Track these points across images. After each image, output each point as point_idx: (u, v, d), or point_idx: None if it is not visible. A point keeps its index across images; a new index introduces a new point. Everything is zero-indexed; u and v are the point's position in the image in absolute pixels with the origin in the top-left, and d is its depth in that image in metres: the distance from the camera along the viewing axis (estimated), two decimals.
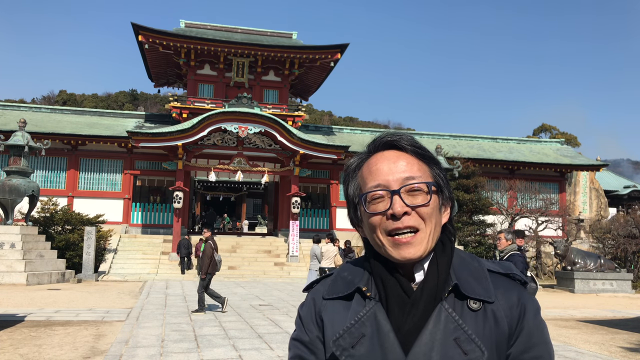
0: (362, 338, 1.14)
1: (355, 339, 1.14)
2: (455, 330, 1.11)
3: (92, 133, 26.02)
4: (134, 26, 26.90)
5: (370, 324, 1.15)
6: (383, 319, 1.15)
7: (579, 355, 8.36)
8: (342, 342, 1.15)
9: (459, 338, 1.10)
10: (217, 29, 30.90)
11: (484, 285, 1.18)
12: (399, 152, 1.23)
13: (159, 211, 27.20)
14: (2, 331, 9.07)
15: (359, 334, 1.14)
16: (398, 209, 1.15)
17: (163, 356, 7.32)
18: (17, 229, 18.38)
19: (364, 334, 1.14)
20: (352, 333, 1.15)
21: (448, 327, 1.11)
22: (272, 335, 9.10)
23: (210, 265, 11.66)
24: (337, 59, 29.35)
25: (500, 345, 1.13)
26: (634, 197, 40.03)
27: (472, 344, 1.09)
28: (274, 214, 31.68)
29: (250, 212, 48.11)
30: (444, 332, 1.11)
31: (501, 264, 1.26)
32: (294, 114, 29.56)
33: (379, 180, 1.19)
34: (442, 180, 1.24)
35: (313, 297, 1.29)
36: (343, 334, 1.16)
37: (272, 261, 24.24)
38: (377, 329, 1.14)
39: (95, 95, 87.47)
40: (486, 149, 32.09)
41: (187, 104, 28.59)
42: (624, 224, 24.83)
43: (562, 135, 68.08)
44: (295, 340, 1.28)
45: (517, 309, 1.17)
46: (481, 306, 1.15)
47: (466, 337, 1.10)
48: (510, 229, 10.28)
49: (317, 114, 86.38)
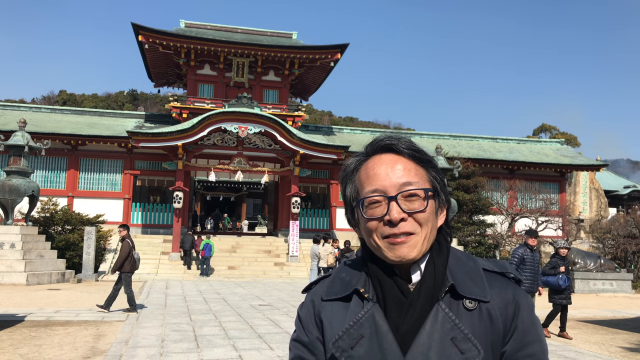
0: (361, 339, 1.15)
1: (354, 340, 1.16)
2: (452, 330, 1.13)
3: (92, 133, 26.02)
4: (134, 26, 26.91)
5: (369, 325, 1.16)
6: (381, 319, 1.16)
7: (579, 355, 8.36)
8: (341, 344, 1.17)
9: (455, 337, 1.12)
10: (217, 29, 30.91)
11: (479, 285, 1.20)
12: (397, 156, 1.24)
13: (159, 211, 27.20)
14: (2, 331, 9.07)
15: (358, 335, 1.16)
16: (395, 215, 1.17)
17: (163, 356, 7.32)
18: (17, 229, 18.38)
19: (363, 335, 1.16)
20: (351, 334, 1.17)
21: (445, 327, 1.13)
22: (272, 335, 9.11)
23: (125, 263, 11.46)
24: (337, 59, 29.36)
25: (495, 343, 1.16)
26: (634, 197, 40.02)
27: (468, 343, 1.11)
28: (274, 214, 31.69)
29: (250, 212, 48.12)
30: (441, 331, 1.13)
31: (496, 263, 1.28)
32: (294, 114, 29.57)
33: (376, 185, 1.20)
34: (438, 184, 1.25)
35: (312, 299, 1.31)
36: (342, 336, 1.17)
37: (272, 261, 24.24)
38: (375, 329, 1.16)
39: (95, 95, 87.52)
40: (486, 149, 32.09)
41: (187, 104, 28.60)
42: (624, 224, 24.82)
43: (562, 135, 68.10)
44: (296, 341, 1.29)
45: (511, 307, 1.19)
46: (477, 305, 1.17)
47: (463, 336, 1.12)
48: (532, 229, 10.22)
49: (317, 114, 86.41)
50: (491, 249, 23.84)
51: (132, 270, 11.66)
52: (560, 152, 33.24)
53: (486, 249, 23.66)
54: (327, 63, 30.01)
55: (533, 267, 9.63)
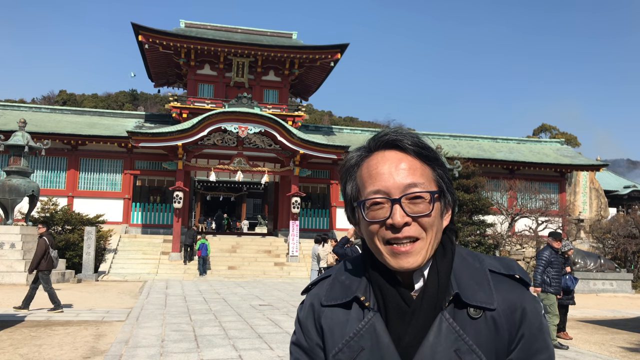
0: (361, 352, 1.11)
1: (355, 353, 1.12)
2: (455, 341, 1.09)
3: (92, 133, 26.01)
4: (134, 26, 26.91)
5: (370, 336, 1.12)
6: (382, 330, 1.12)
7: (579, 355, 8.36)
8: (341, 357, 1.13)
9: (459, 349, 1.08)
10: (217, 29, 30.91)
11: (485, 290, 1.14)
12: (401, 154, 1.16)
13: (159, 211, 27.20)
14: (2, 331, 9.07)
15: (359, 348, 1.12)
16: (398, 219, 1.10)
17: (163, 356, 7.32)
18: (17, 229, 18.38)
19: (364, 347, 1.11)
20: (351, 347, 1.12)
21: (449, 338, 1.09)
22: (272, 335, 9.10)
23: (41, 262, 11.36)
24: (337, 59, 29.35)
25: (500, 352, 1.11)
26: (634, 197, 40.01)
27: (472, 355, 1.08)
28: (274, 214, 31.68)
29: (250, 212, 48.12)
30: (445, 343, 1.08)
31: (503, 262, 1.21)
32: (294, 114, 29.56)
33: (379, 185, 1.13)
34: (445, 183, 1.18)
35: (312, 302, 1.25)
36: (342, 348, 1.13)
37: (272, 261, 24.24)
38: (376, 341, 1.11)
39: (95, 95, 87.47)
40: (486, 149, 32.09)
41: (187, 104, 28.59)
42: (624, 224, 24.82)
43: (562, 135, 68.07)
44: (295, 345, 1.26)
45: (517, 313, 1.13)
46: (481, 313, 1.11)
47: (467, 347, 1.08)
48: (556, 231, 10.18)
49: (317, 114, 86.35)
50: (491, 249, 23.82)
51: (49, 269, 11.50)
52: (560, 152, 33.23)
53: (486, 249, 23.64)
54: (327, 63, 30.00)
55: (559, 269, 9.59)
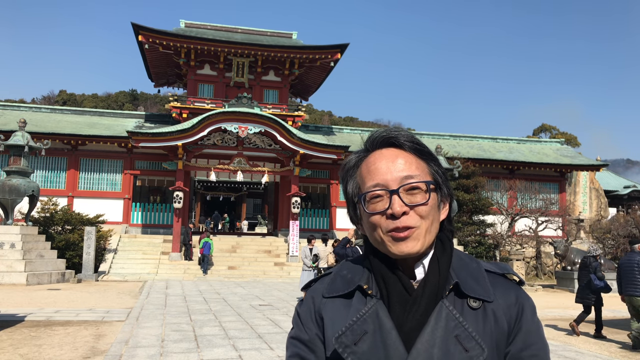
0: (364, 335, 1.15)
1: (358, 336, 1.15)
2: (456, 328, 1.13)
3: (92, 133, 26.01)
4: (134, 26, 26.91)
5: (372, 321, 1.16)
6: (385, 316, 1.16)
7: (579, 355, 8.36)
8: (344, 339, 1.16)
9: (459, 335, 1.12)
10: (217, 29, 30.91)
11: (483, 285, 1.20)
12: (398, 150, 1.24)
13: (159, 211, 27.20)
14: (2, 331, 9.07)
15: (361, 331, 1.15)
16: (397, 208, 1.17)
17: (163, 356, 7.32)
18: (17, 229, 18.38)
19: (366, 331, 1.15)
20: (354, 330, 1.16)
21: (449, 325, 1.13)
22: (272, 335, 9.10)
23: None
24: (337, 59, 29.35)
25: (500, 343, 1.16)
26: (634, 197, 39.98)
27: (472, 342, 1.12)
28: (274, 214, 31.68)
29: (250, 212, 48.09)
30: (445, 329, 1.13)
31: (497, 265, 1.29)
32: (294, 114, 29.56)
33: (378, 179, 1.20)
34: (440, 177, 1.25)
35: (312, 296, 1.29)
36: (345, 331, 1.16)
37: (272, 261, 24.24)
38: (379, 326, 1.15)
39: (95, 95, 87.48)
40: (486, 149, 32.09)
41: (187, 104, 28.59)
42: (624, 224, 24.83)
43: (562, 135, 68.07)
44: (294, 338, 1.27)
45: (515, 308, 1.20)
46: (481, 305, 1.17)
47: (467, 334, 1.12)
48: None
49: (317, 114, 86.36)
50: (491, 249, 23.83)
51: None
52: (560, 152, 33.23)
53: (486, 249, 23.66)
54: (327, 63, 30.00)
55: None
